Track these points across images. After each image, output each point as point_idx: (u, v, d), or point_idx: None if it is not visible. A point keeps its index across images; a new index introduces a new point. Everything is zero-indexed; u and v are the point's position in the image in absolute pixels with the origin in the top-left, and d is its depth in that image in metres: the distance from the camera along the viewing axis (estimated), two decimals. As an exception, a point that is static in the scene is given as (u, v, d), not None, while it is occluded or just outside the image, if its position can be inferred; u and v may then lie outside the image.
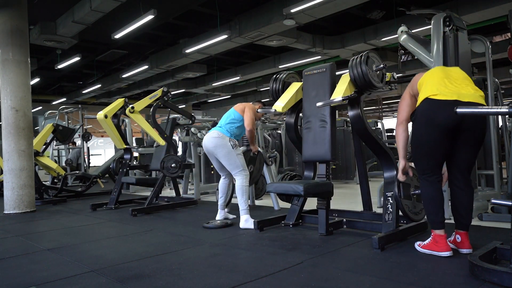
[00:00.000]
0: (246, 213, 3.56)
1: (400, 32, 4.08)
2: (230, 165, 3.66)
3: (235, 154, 3.65)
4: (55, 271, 2.42)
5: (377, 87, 2.95)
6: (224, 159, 3.67)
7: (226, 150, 3.63)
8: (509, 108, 1.92)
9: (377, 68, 2.94)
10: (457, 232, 2.52)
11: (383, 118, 22.23)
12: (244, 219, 3.54)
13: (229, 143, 3.66)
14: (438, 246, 2.43)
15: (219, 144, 3.66)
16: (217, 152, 3.69)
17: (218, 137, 3.68)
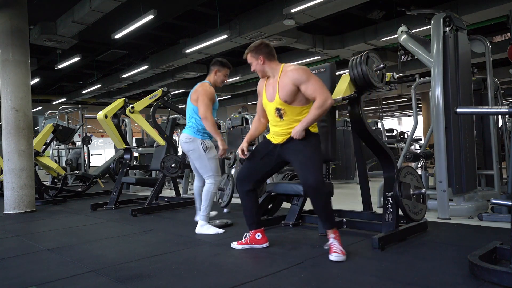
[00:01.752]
0: (204, 219, 3.39)
1: (400, 32, 4.08)
2: (201, 169, 3.47)
3: (206, 158, 3.42)
4: (55, 271, 2.42)
5: (377, 87, 2.95)
6: (196, 162, 3.48)
7: (198, 154, 3.43)
8: (509, 108, 1.93)
9: (377, 68, 2.94)
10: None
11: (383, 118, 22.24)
12: (200, 224, 3.39)
13: (200, 146, 3.41)
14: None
15: (191, 148, 3.44)
16: (189, 155, 3.53)
17: (189, 142, 3.44)
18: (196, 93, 3.42)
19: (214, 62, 3.58)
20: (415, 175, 3.13)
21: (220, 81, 3.59)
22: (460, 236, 3.08)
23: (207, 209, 3.41)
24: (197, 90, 3.44)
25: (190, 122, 3.49)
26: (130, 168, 5.72)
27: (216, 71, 3.56)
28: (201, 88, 3.42)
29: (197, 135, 3.43)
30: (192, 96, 3.47)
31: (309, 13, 7.12)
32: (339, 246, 2.45)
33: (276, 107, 2.69)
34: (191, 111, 3.49)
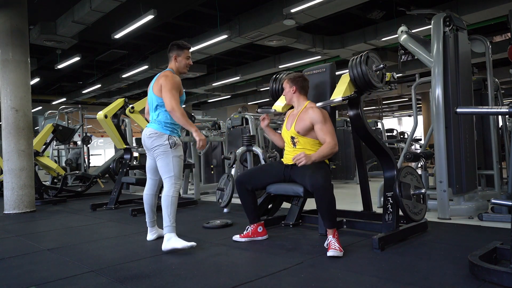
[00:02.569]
0: (170, 231, 2.85)
1: (400, 32, 4.08)
2: (161, 168, 2.98)
3: (171, 156, 2.95)
4: (55, 271, 2.42)
5: (377, 87, 2.95)
6: (159, 161, 2.99)
7: (162, 151, 2.96)
8: (509, 108, 1.93)
9: (377, 68, 2.94)
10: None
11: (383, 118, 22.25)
12: (167, 238, 2.81)
13: (167, 142, 2.95)
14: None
15: (155, 144, 2.97)
16: (153, 152, 3.02)
17: (154, 137, 2.98)
18: (159, 83, 2.99)
19: (170, 47, 3.15)
20: (415, 175, 3.13)
21: (184, 65, 3.17)
22: (460, 236, 3.08)
23: (172, 218, 2.90)
24: (159, 80, 3.01)
25: (155, 116, 3.05)
26: (130, 168, 5.72)
27: (175, 56, 3.12)
28: (164, 78, 2.98)
29: (165, 130, 2.99)
30: (155, 88, 3.02)
31: (309, 13, 7.12)
32: (337, 244, 2.55)
33: (291, 135, 3.04)
34: (155, 103, 3.04)
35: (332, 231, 2.62)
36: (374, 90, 2.99)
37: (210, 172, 7.43)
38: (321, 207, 2.66)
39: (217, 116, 14.39)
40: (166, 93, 2.92)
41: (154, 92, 3.04)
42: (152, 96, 3.07)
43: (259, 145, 6.55)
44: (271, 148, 7.19)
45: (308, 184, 2.70)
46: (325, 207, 2.64)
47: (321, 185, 2.62)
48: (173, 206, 2.93)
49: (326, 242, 2.62)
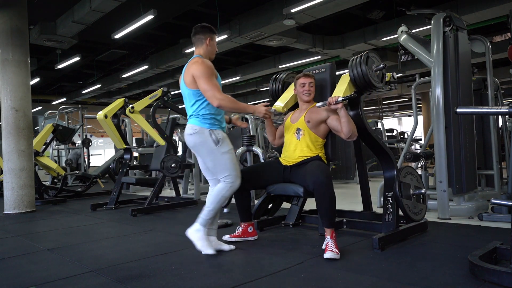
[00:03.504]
0: (202, 224, 2.68)
1: (400, 32, 4.08)
2: (213, 168, 2.72)
3: (219, 153, 2.64)
4: (55, 271, 2.42)
5: (377, 87, 2.95)
6: (206, 161, 2.73)
7: (207, 149, 2.65)
8: (509, 108, 1.93)
9: (377, 68, 2.94)
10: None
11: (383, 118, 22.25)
12: (196, 228, 2.69)
13: (209, 138, 2.63)
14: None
15: (197, 142, 2.66)
16: (196, 152, 2.76)
17: (194, 134, 2.67)
18: (190, 73, 2.66)
19: (200, 30, 2.78)
20: (415, 175, 3.13)
21: (214, 50, 2.84)
22: (460, 236, 3.08)
23: (210, 213, 2.68)
24: (189, 70, 2.67)
25: (191, 110, 2.73)
26: (130, 168, 5.72)
27: (209, 39, 2.78)
28: (195, 65, 2.65)
29: (204, 124, 2.66)
30: (186, 79, 2.69)
31: (309, 13, 7.12)
32: (334, 246, 2.53)
33: (297, 127, 3.01)
34: (189, 97, 2.72)
35: (330, 232, 2.59)
36: (374, 90, 2.99)
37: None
38: (321, 205, 2.64)
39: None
40: (204, 83, 2.58)
41: (186, 85, 2.70)
42: (184, 89, 2.74)
43: (259, 145, 6.55)
44: (271, 148, 7.19)
45: (309, 182, 2.69)
46: (325, 205, 2.62)
47: (322, 182, 2.61)
48: (218, 204, 2.69)
49: (324, 243, 2.60)
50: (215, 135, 2.64)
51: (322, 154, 2.99)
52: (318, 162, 2.85)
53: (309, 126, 2.96)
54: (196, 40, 2.79)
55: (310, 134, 2.96)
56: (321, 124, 2.96)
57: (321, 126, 2.97)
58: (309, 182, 2.70)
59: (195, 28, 2.80)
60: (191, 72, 2.64)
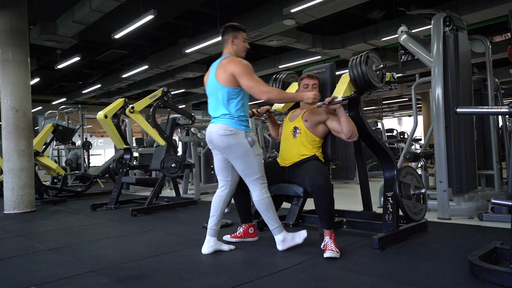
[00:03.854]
0: (280, 231, 2.69)
1: (400, 32, 4.08)
2: (245, 170, 2.65)
3: (253, 156, 2.61)
4: (55, 271, 2.42)
5: (377, 87, 2.95)
6: (239, 163, 2.65)
7: (242, 151, 2.60)
8: (509, 108, 1.93)
9: (377, 68, 2.94)
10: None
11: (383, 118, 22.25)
12: (280, 239, 2.69)
13: (245, 140, 2.60)
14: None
15: (233, 143, 2.59)
16: (229, 153, 2.65)
17: (230, 135, 2.59)
18: (227, 71, 2.59)
19: (224, 30, 2.77)
20: (415, 175, 3.13)
21: (242, 48, 2.77)
22: (460, 236, 3.08)
23: (275, 219, 2.69)
24: (226, 68, 2.60)
25: (225, 109, 2.64)
26: (130, 168, 5.72)
27: (232, 38, 2.73)
28: (233, 63, 2.60)
29: (240, 125, 2.61)
30: (220, 77, 2.62)
31: (309, 13, 7.12)
32: (333, 245, 2.54)
33: (295, 126, 3.01)
34: (223, 95, 2.63)
35: (329, 232, 2.60)
36: (374, 90, 2.99)
37: (210, 172, 7.42)
38: (320, 207, 2.64)
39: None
40: (247, 80, 2.54)
41: (221, 82, 2.62)
42: (218, 88, 2.64)
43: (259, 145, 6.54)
44: (271, 148, 7.19)
45: (307, 184, 2.69)
46: (324, 207, 2.62)
47: (321, 185, 2.61)
48: (271, 207, 2.69)
49: (323, 244, 2.61)
50: (250, 137, 2.64)
51: (319, 153, 2.98)
52: (315, 163, 2.83)
53: (306, 126, 2.96)
54: (223, 42, 2.80)
55: (307, 134, 2.95)
56: (319, 125, 2.96)
57: (319, 127, 2.96)
58: (307, 184, 2.70)
59: (221, 29, 2.81)
60: (229, 70, 2.59)
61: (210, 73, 2.76)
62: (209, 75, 2.76)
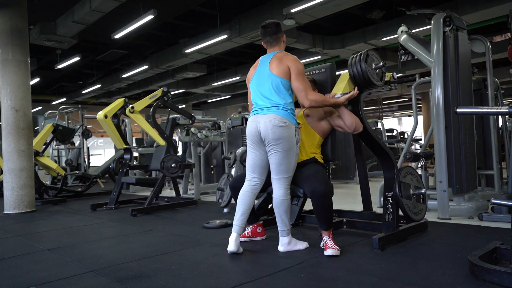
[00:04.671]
0: (287, 234, 2.67)
1: (400, 32, 4.08)
2: (281, 166, 2.57)
3: (294, 153, 2.58)
4: (55, 271, 2.42)
5: (376, 85, 2.95)
6: (279, 156, 2.55)
7: (289, 145, 2.54)
8: (509, 108, 1.93)
9: (376, 66, 2.94)
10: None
11: (383, 118, 22.25)
12: (285, 241, 2.66)
13: (294, 135, 2.56)
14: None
15: (284, 136, 2.51)
16: (275, 145, 2.54)
17: (284, 126, 2.51)
18: (284, 64, 2.60)
19: (277, 28, 2.76)
20: (415, 175, 3.13)
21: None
22: (460, 236, 3.08)
23: (289, 222, 2.69)
24: (283, 61, 2.61)
25: (279, 100, 2.58)
26: (130, 168, 5.72)
27: (284, 37, 2.83)
28: (293, 61, 2.62)
29: (293, 119, 2.58)
30: (278, 68, 2.61)
31: (309, 13, 7.12)
32: (333, 243, 2.57)
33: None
34: (278, 86, 2.60)
35: (328, 232, 2.63)
36: (374, 88, 2.98)
37: (210, 172, 7.43)
38: (319, 212, 2.65)
39: (217, 116, 14.40)
40: (300, 82, 2.57)
41: (275, 73, 2.61)
42: (272, 78, 2.61)
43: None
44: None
45: (307, 190, 2.68)
46: (323, 212, 2.63)
47: (321, 192, 2.58)
48: (289, 209, 2.67)
49: (322, 243, 2.64)
50: (298, 133, 2.62)
51: (319, 154, 2.96)
52: (315, 167, 2.80)
53: (307, 121, 2.94)
54: (275, 39, 2.77)
55: (308, 130, 2.93)
56: (321, 121, 2.94)
57: (321, 123, 2.94)
58: (306, 189, 2.69)
59: (269, 26, 2.76)
60: (286, 63, 2.60)
61: (260, 65, 2.76)
62: (259, 67, 2.76)
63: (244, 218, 2.70)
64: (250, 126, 2.65)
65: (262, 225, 3.11)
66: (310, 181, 2.65)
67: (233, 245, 2.61)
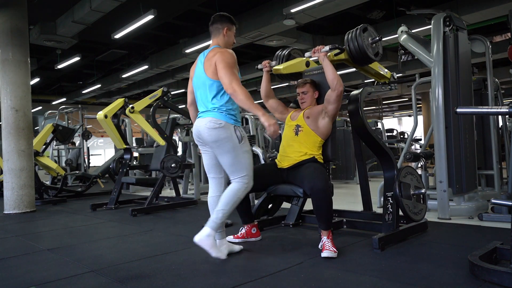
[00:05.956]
0: (213, 228, 2.50)
1: (400, 32, 4.08)
2: (231, 166, 2.53)
3: (241, 151, 2.50)
4: (55, 271, 2.42)
5: (372, 60, 2.95)
6: (226, 157, 2.52)
7: (230, 146, 2.48)
8: (509, 108, 1.93)
9: (373, 40, 2.94)
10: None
11: (383, 118, 22.25)
12: (206, 232, 2.48)
13: (234, 134, 2.48)
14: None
15: (222, 136, 2.46)
16: (217, 148, 2.52)
17: (219, 128, 2.47)
18: (212, 62, 2.50)
19: (218, 19, 2.68)
20: (415, 175, 3.13)
21: (232, 41, 2.71)
22: (460, 236, 3.08)
23: (224, 215, 2.51)
24: (211, 59, 2.51)
25: (213, 103, 2.52)
26: (130, 168, 5.72)
27: (227, 29, 2.66)
28: (219, 54, 2.49)
29: (230, 119, 2.50)
30: (208, 69, 2.52)
31: (309, 13, 7.12)
32: (331, 245, 2.55)
33: (296, 124, 3.01)
34: (211, 88, 2.53)
35: (327, 233, 2.61)
36: (370, 63, 3.00)
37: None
38: (319, 210, 2.64)
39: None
40: (226, 72, 2.42)
41: (208, 75, 2.52)
42: (205, 80, 2.54)
43: (259, 145, 6.54)
44: (271, 148, 7.19)
45: (306, 187, 2.68)
46: (322, 210, 2.62)
47: (320, 189, 2.59)
48: (233, 206, 2.54)
49: (320, 244, 2.62)
50: (239, 132, 2.52)
51: (319, 154, 2.96)
52: (314, 166, 2.80)
53: (307, 123, 2.95)
54: (214, 30, 2.67)
55: (308, 132, 2.94)
56: (321, 120, 2.93)
57: (322, 122, 2.93)
58: (306, 187, 2.69)
59: (213, 17, 2.69)
60: (214, 60, 2.49)
61: (197, 65, 2.64)
62: (197, 67, 2.65)
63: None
64: (193, 131, 2.65)
65: (257, 226, 3.09)
66: (309, 179, 2.65)
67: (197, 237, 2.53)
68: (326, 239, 2.59)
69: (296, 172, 2.86)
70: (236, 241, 2.97)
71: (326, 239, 2.59)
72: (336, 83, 2.79)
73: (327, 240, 2.58)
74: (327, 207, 2.63)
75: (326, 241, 2.57)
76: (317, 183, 2.59)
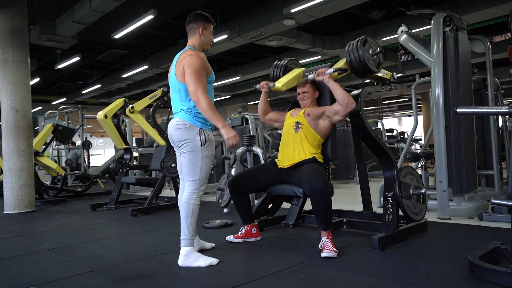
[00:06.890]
0: (188, 244, 2.45)
1: (400, 32, 4.08)
2: (185, 167, 2.50)
3: (200, 156, 2.48)
4: (55, 271, 2.42)
5: (373, 72, 2.95)
6: (184, 158, 2.51)
7: (191, 147, 2.47)
8: (509, 108, 1.92)
9: (374, 52, 2.94)
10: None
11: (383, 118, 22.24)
12: (185, 252, 2.43)
13: (198, 137, 2.47)
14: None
15: (185, 137, 2.47)
16: (179, 147, 2.53)
17: (183, 128, 2.48)
18: (181, 65, 2.49)
19: (193, 18, 2.68)
20: (415, 175, 3.13)
21: (209, 40, 2.69)
22: (460, 236, 3.08)
23: (192, 229, 2.47)
24: (181, 62, 2.50)
25: (181, 105, 2.54)
26: (130, 168, 5.72)
27: (202, 28, 2.64)
28: (188, 57, 2.47)
29: (196, 122, 2.50)
30: (177, 72, 2.51)
31: (309, 13, 7.12)
32: (331, 245, 2.55)
33: (296, 121, 3.02)
34: (180, 91, 2.54)
35: (327, 233, 2.61)
36: (371, 74, 3.00)
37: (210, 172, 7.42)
38: (318, 210, 2.64)
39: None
40: (191, 78, 2.41)
41: (177, 78, 2.52)
42: (175, 83, 2.55)
43: (259, 145, 6.54)
44: (271, 148, 7.18)
45: (305, 188, 2.68)
46: (321, 210, 2.62)
47: (319, 189, 2.58)
48: (194, 216, 2.48)
49: (320, 244, 2.62)
50: (204, 135, 2.49)
51: (319, 154, 2.96)
52: (313, 166, 2.80)
53: (308, 120, 2.96)
54: (189, 30, 2.65)
55: (308, 129, 2.95)
56: (321, 120, 2.94)
57: (322, 123, 2.94)
58: (305, 187, 2.69)
59: (189, 16, 2.65)
60: (182, 64, 2.48)
61: (172, 66, 2.63)
62: (171, 67, 2.63)
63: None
64: (168, 132, 2.65)
65: (257, 226, 3.09)
66: (309, 179, 2.65)
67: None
68: (326, 239, 2.59)
69: (296, 172, 2.86)
70: (236, 241, 2.99)
71: (326, 239, 2.59)
72: (347, 101, 2.81)
73: (327, 240, 2.58)
74: (326, 208, 2.62)
75: (326, 241, 2.57)
76: (316, 184, 2.58)
